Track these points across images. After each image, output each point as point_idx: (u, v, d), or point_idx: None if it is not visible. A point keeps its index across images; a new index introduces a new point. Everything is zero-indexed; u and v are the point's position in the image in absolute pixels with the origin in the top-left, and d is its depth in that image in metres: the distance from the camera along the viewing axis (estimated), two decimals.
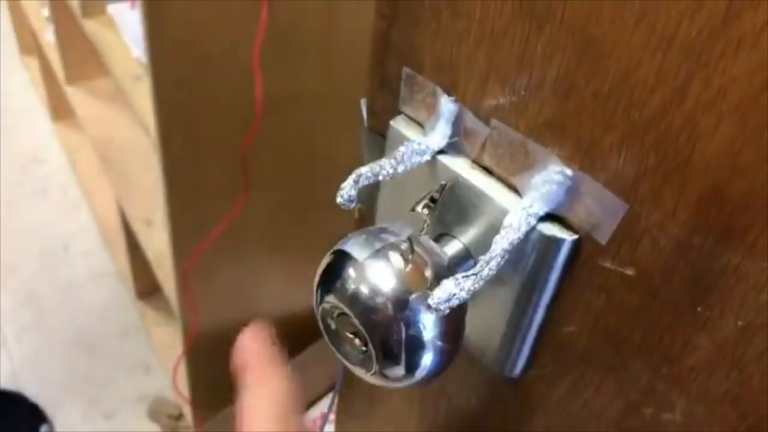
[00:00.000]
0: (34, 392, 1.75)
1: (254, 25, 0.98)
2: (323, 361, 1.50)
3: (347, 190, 0.34)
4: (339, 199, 0.34)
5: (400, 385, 0.36)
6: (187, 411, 1.58)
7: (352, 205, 0.34)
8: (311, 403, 1.59)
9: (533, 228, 0.33)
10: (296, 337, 1.46)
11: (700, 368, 0.31)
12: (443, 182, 0.36)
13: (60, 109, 2.29)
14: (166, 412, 1.69)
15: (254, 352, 0.37)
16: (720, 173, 0.26)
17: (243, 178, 1.12)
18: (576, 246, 0.33)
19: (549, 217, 0.34)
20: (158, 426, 1.69)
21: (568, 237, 0.33)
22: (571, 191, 0.32)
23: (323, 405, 1.59)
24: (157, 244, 1.47)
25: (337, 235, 0.37)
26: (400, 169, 0.36)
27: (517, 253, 0.34)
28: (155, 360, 1.81)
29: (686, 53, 0.25)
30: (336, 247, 0.35)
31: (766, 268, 0.27)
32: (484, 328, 0.39)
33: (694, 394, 0.31)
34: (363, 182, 0.34)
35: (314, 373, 1.54)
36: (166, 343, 1.75)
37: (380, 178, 0.35)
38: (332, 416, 0.63)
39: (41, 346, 1.85)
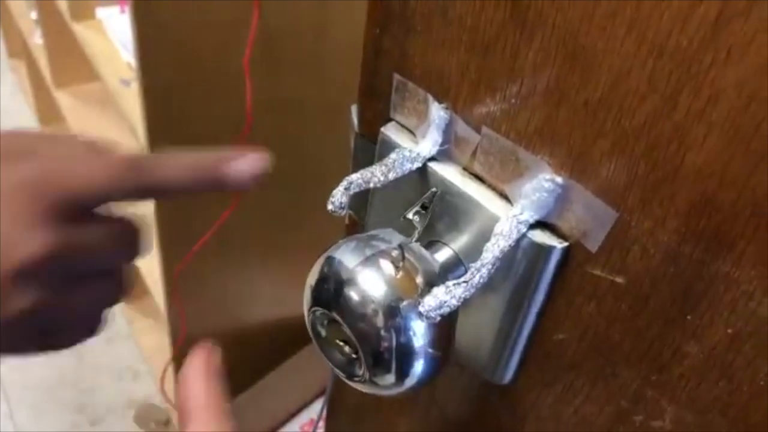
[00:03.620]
0: (20, 398, 1.73)
1: (244, 30, 0.97)
2: (312, 366, 1.49)
3: (338, 197, 0.34)
4: (330, 206, 0.34)
5: (390, 392, 0.35)
6: (175, 417, 1.57)
7: (343, 212, 0.34)
8: (300, 409, 1.59)
9: (523, 235, 0.33)
10: (285, 342, 1.46)
11: (690, 376, 0.31)
12: (434, 189, 0.36)
13: (48, 114, 2.27)
14: (153, 418, 1.68)
15: (196, 394, 0.34)
16: (709, 182, 0.27)
17: None
18: (566, 254, 0.33)
19: (539, 224, 0.34)
20: None
21: (558, 245, 0.33)
22: (561, 199, 0.32)
23: (312, 410, 1.58)
24: None
25: (326, 240, 0.37)
26: (391, 176, 0.36)
27: (507, 260, 0.34)
28: (143, 366, 1.80)
29: (677, 62, 0.25)
30: (326, 254, 0.35)
31: (755, 276, 0.27)
32: (474, 335, 0.39)
33: (683, 402, 0.31)
34: (354, 189, 0.34)
35: (303, 378, 1.54)
36: (153, 349, 1.74)
37: (371, 185, 0.35)
38: (321, 423, 0.63)
39: None
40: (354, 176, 0.34)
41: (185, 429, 0.33)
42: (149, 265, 1.44)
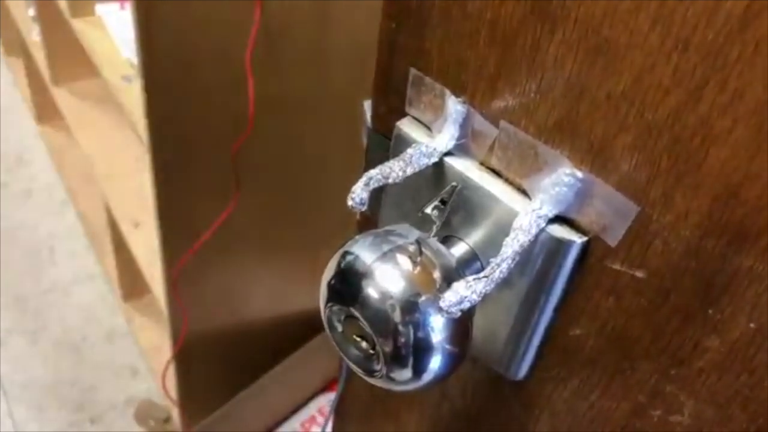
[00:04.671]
0: (19, 396, 1.72)
1: (246, 27, 0.97)
2: (313, 363, 1.49)
3: (358, 192, 0.34)
4: (350, 202, 0.34)
5: (407, 388, 0.35)
6: (175, 414, 1.56)
7: (363, 208, 0.34)
8: (301, 406, 1.59)
9: (542, 230, 0.33)
10: (286, 339, 1.45)
11: (710, 370, 0.31)
12: (454, 184, 0.36)
13: (45, 111, 2.26)
14: (153, 415, 1.67)
15: None
16: (734, 176, 0.26)
17: (234, 180, 1.11)
18: (585, 248, 0.33)
19: (558, 219, 0.33)
20: (145, 429, 1.67)
21: (578, 239, 0.33)
22: (581, 193, 0.32)
23: (313, 407, 1.58)
24: (145, 246, 1.46)
25: (327, 237, 0.37)
26: (409, 171, 0.36)
27: (525, 255, 0.34)
28: (142, 363, 1.80)
29: (702, 56, 0.25)
30: (343, 249, 0.35)
31: None
32: (490, 329, 0.39)
33: (703, 396, 0.31)
34: (374, 185, 0.34)
35: (304, 375, 1.54)
36: (153, 346, 1.73)
37: (390, 180, 0.35)
38: (321, 418, 0.63)
39: (27, 349, 1.83)
40: (373, 172, 0.34)
41: None
42: (149, 261, 1.44)
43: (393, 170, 0.35)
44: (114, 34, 1.32)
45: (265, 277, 1.40)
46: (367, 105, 0.43)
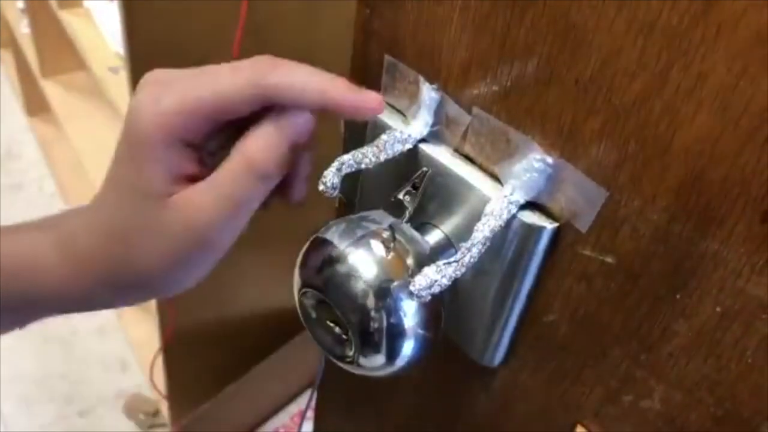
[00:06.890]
0: (8, 389, 1.72)
1: (234, 19, 0.97)
2: (302, 358, 1.49)
3: (330, 177, 0.34)
4: (321, 187, 0.34)
5: (380, 373, 0.35)
6: (164, 408, 1.56)
7: (335, 193, 0.34)
8: (290, 399, 1.59)
9: (514, 216, 0.33)
10: (274, 333, 1.45)
11: (679, 355, 0.31)
12: (425, 169, 0.36)
13: (35, 103, 2.25)
14: (142, 409, 1.67)
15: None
16: (699, 160, 0.27)
17: None
18: (556, 234, 0.33)
19: (530, 205, 0.34)
20: (134, 423, 1.67)
21: (549, 225, 0.33)
22: (552, 179, 0.32)
23: (302, 401, 1.58)
24: None
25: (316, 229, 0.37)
26: (383, 157, 0.36)
27: (497, 241, 0.34)
28: (131, 357, 1.79)
29: (667, 39, 0.26)
30: (316, 235, 0.35)
31: (743, 253, 0.27)
32: (465, 317, 0.39)
33: (672, 381, 0.32)
34: (345, 170, 0.34)
35: (292, 369, 1.54)
36: (142, 340, 1.73)
37: (363, 166, 0.35)
38: (309, 413, 0.63)
39: (16, 343, 1.83)
40: (345, 157, 0.34)
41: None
42: None
43: (366, 156, 0.35)
44: (102, 25, 1.32)
45: (253, 270, 1.40)
46: None
